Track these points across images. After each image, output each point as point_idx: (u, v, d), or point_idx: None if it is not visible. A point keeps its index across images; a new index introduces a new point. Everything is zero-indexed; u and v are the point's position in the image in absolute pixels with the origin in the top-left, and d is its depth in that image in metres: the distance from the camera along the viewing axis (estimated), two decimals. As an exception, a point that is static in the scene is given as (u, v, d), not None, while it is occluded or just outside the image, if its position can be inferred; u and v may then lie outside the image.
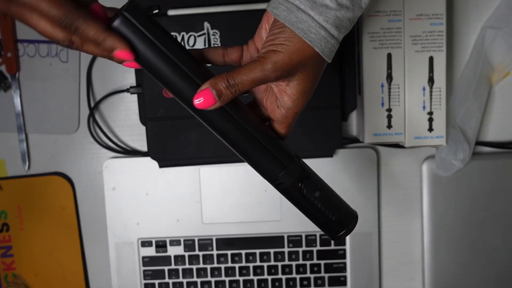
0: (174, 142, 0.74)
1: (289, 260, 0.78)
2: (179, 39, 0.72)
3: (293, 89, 0.46)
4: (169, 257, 0.79)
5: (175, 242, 0.79)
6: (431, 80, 0.70)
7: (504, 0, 0.73)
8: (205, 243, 0.79)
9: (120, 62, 0.44)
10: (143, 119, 0.77)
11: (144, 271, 0.79)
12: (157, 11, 0.68)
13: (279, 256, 0.78)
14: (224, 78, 0.44)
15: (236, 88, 0.44)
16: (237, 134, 0.47)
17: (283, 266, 0.79)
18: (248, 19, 0.70)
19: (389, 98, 0.71)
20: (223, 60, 0.50)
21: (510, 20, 0.72)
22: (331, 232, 0.52)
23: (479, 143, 0.78)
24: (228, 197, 0.78)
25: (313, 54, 0.44)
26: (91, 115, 0.78)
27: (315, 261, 0.78)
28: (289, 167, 0.48)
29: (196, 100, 0.44)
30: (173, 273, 0.79)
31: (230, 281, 0.79)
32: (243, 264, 0.79)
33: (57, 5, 0.39)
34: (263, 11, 0.48)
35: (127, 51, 0.43)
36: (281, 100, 0.47)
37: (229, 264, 0.79)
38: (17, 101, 0.78)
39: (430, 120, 0.71)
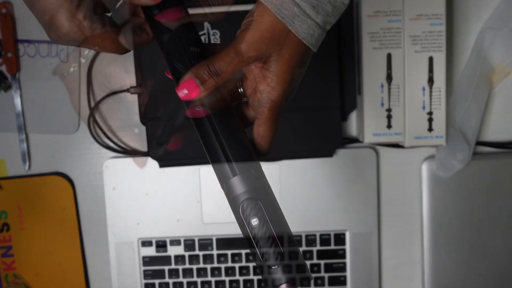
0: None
1: (289, 260, 0.78)
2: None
3: (268, 71, 0.43)
4: (169, 257, 0.79)
5: (175, 242, 0.79)
6: (431, 80, 0.70)
7: (504, 1, 0.73)
8: (205, 243, 0.79)
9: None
10: (143, 119, 0.77)
11: (144, 271, 0.79)
12: None
13: (279, 256, 0.78)
14: (205, 65, 0.43)
15: (217, 74, 0.43)
16: (205, 129, 0.43)
17: (283, 266, 0.79)
18: (248, 19, 0.70)
19: (389, 98, 0.71)
20: None
21: (510, 20, 0.72)
22: (264, 279, 0.41)
23: (479, 143, 0.78)
24: (228, 197, 0.78)
25: (285, 32, 0.42)
26: (91, 115, 0.78)
27: (315, 261, 0.78)
28: (239, 176, 0.42)
29: (180, 92, 0.43)
30: (173, 273, 0.79)
31: (230, 281, 0.79)
32: (243, 264, 0.79)
33: None
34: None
35: None
36: (257, 81, 0.44)
37: (229, 264, 0.79)
38: (17, 101, 0.78)
39: (430, 120, 0.71)
